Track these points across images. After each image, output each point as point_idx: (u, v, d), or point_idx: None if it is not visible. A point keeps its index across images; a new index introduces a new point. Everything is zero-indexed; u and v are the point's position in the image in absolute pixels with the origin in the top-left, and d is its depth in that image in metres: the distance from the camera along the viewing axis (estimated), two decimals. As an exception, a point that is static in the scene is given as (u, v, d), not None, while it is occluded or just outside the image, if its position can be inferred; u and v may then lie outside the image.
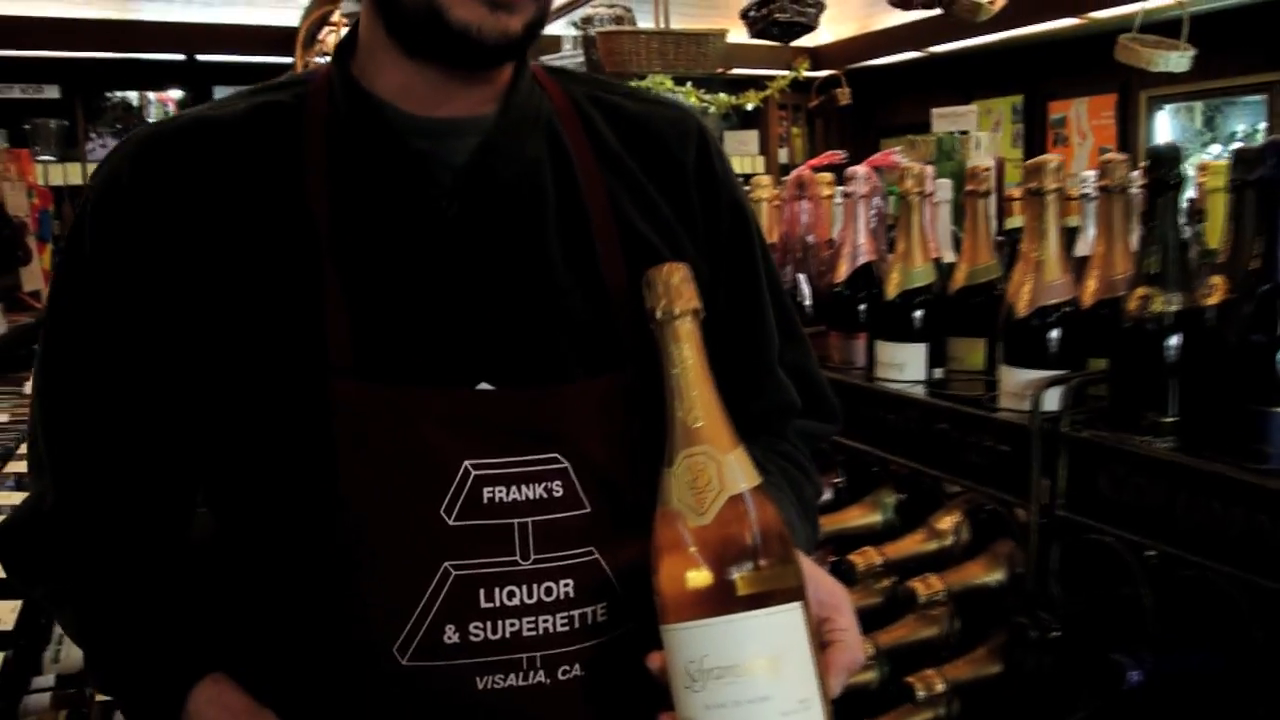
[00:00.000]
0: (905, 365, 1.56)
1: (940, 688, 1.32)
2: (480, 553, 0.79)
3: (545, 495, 0.80)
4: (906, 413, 1.51)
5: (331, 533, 0.77)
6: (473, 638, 0.79)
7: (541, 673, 0.81)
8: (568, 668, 0.82)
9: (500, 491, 0.79)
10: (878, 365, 1.60)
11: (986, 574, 1.33)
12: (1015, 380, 1.33)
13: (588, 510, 0.82)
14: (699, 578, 0.70)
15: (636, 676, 0.76)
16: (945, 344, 1.59)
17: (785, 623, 0.69)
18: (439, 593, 0.78)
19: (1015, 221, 2.00)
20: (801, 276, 1.88)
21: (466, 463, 0.78)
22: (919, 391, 1.53)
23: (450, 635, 0.79)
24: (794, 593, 0.70)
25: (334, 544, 0.77)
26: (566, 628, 0.81)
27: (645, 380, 0.81)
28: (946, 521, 1.46)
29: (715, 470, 0.71)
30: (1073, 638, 1.20)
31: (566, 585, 0.81)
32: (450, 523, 0.78)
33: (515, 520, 0.80)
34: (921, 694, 1.31)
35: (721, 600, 0.69)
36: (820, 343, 1.76)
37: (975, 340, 1.59)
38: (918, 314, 1.56)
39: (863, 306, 1.68)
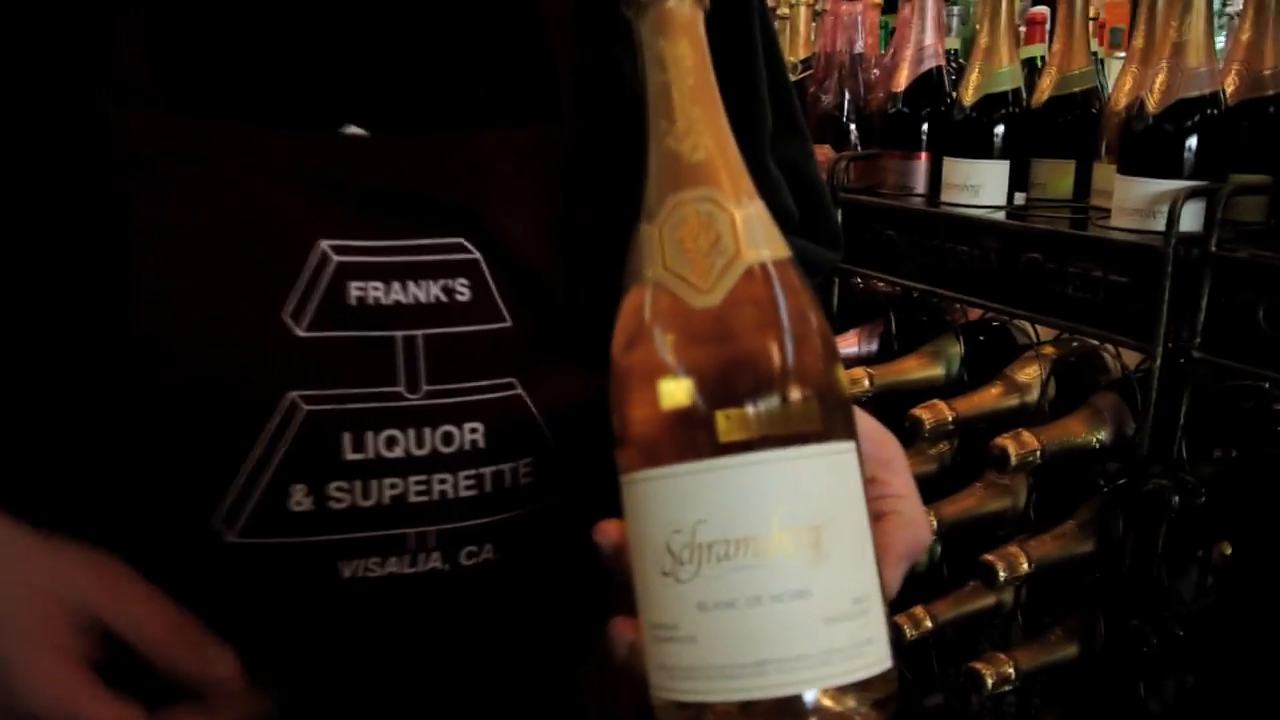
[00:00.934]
0: (982, 187, 1.28)
1: (1025, 568, 1.08)
2: (344, 379, 0.53)
3: (444, 299, 0.54)
4: (984, 241, 1.24)
5: (122, 351, 0.51)
6: (333, 504, 0.53)
7: (437, 556, 0.56)
8: (474, 549, 0.57)
9: (376, 290, 0.53)
10: (945, 189, 1.33)
11: (1089, 432, 1.09)
12: (1139, 193, 1.07)
13: (507, 324, 0.56)
14: (697, 392, 0.42)
15: (574, 563, 0.53)
16: (1028, 165, 1.32)
17: (833, 472, 0.42)
18: (281, 437, 0.52)
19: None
20: (846, 95, 1.60)
21: (324, 243, 0.52)
22: (999, 217, 1.26)
23: (299, 500, 0.53)
24: (844, 428, 0.43)
25: (126, 368, 0.51)
26: (474, 491, 0.56)
27: (593, 142, 0.56)
28: (1028, 373, 1.21)
29: (727, 225, 0.43)
30: (1214, 506, 0.95)
31: (474, 431, 0.55)
32: (299, 332, 0.52)
33: (398, 333, 0.53)
34: (1004, 575, 1.07)
35: (734, 429, 0.41)
36: (871, 169, 1.49)
37: (1064, 162, 1.32)
38: (1000, 127, 1.28)
39: (926, 121, 1.40)
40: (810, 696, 0.40)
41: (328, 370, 0.52)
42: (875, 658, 0.41)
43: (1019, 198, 1.31)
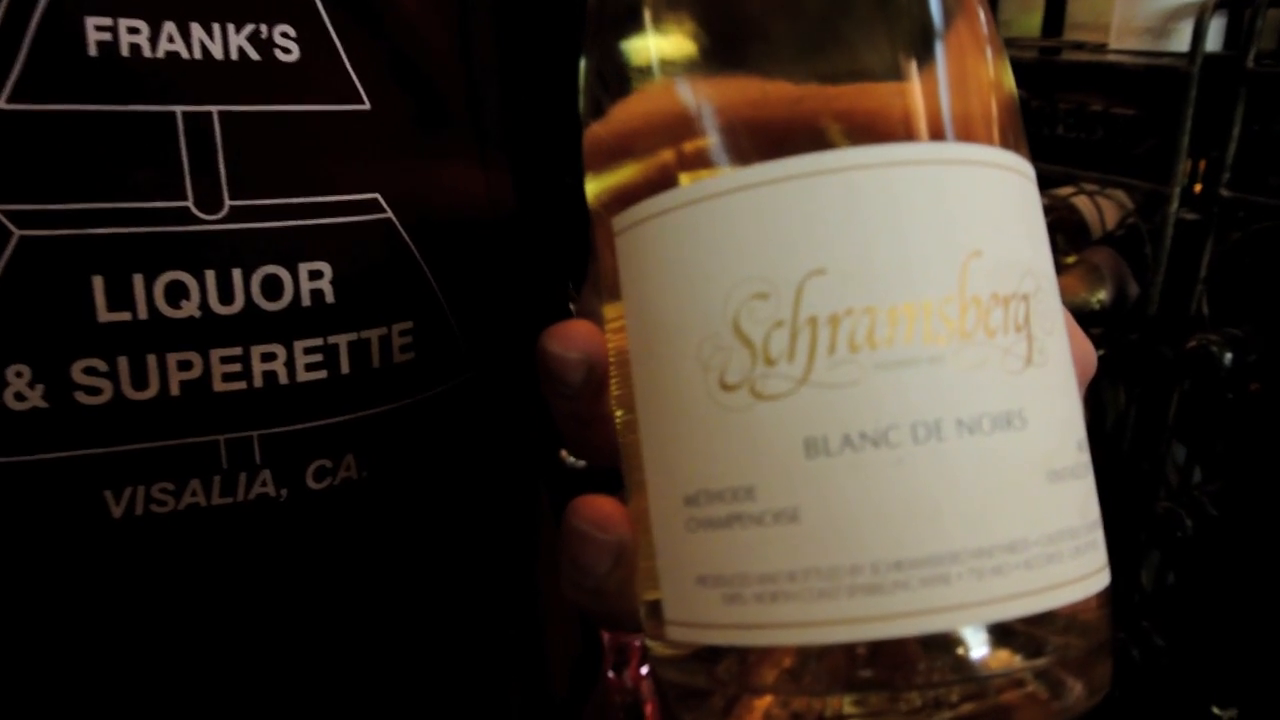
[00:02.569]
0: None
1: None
2: (88, 186, 0.32)
3: (256, 54, 0.33)
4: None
5: None
6: (83, 396, 0.32)
7: (268, 476, 0.35)
8: (327, 465, 0.36)
9: (135, 32, 0.32)
10: None
11: (1089, 291, 0.95)
12: (1149, 9, 0.92)
13: (363, 105, 0.35)
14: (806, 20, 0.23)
15: (480, 479, 0.40)
16: (995, 3, 1.17)
17: (1033, 207, 0.23)
18: None
19: None
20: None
21: None
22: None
23: (21, 392, 0.32)
24: (1025, 146, 0.24)
25: None
26: (320, 373, 0.35)
27: None
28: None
29: None
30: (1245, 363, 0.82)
31: (316, 276, 0.34)
32: (1, 104, 0.30)
33: (179, 108, 0.32)
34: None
35: (878, 93, 0.22)
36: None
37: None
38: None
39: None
40: (1007, 630, 0.20)
41: (57, 170, 0.32)
42: (1101, 561, 0.22)
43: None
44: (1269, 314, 0.85)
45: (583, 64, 0.27)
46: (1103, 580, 0.21)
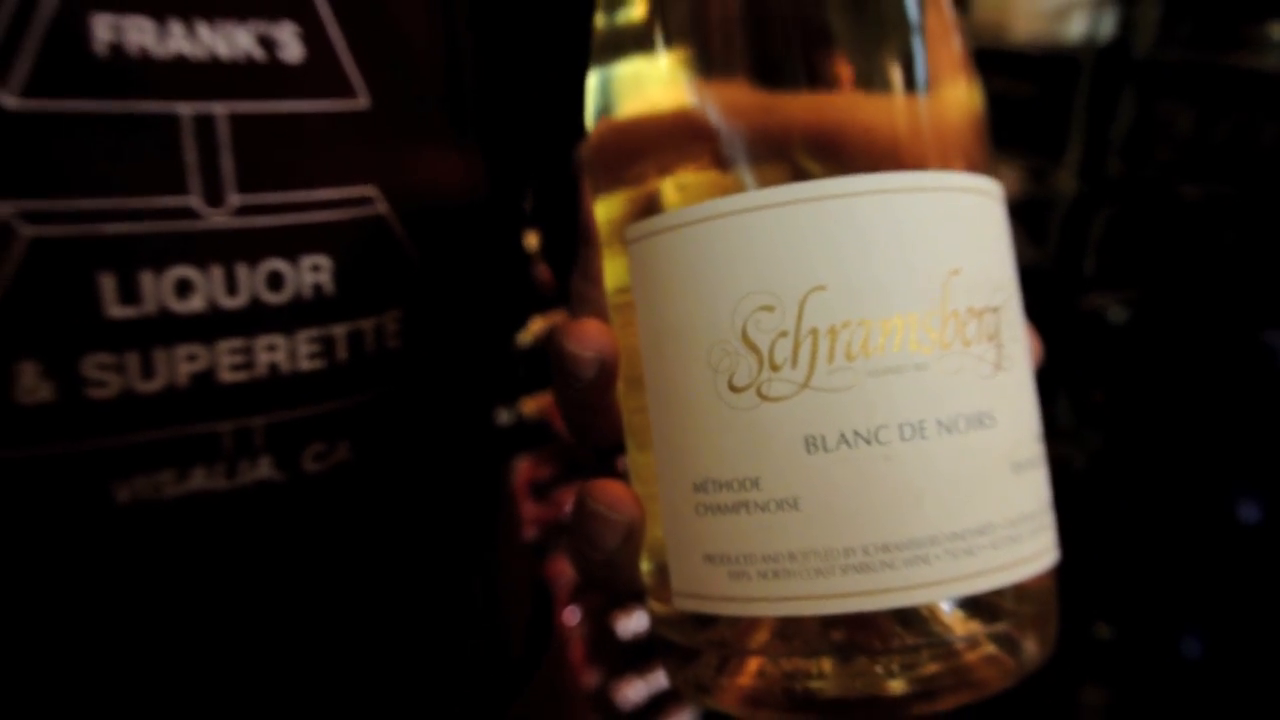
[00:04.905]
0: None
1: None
2: (96, 183, 0.34)
3: (260, 55, 0.36)
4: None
5: None
6: (92, 391, 0.35)
7: (267, 462, 0.38)
8: (323, 449, 0.39)
9: (141, 32, 0.34)
10: None
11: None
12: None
13: (360, 103, 0.37)
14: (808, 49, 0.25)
15: (469, 463, 0.42)
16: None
17: (1003, 226, 0.25)
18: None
19: None
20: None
21: None
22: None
23: (31, 386, 0.34)
24: (994, 169, 0.27)
25: None
26: (320, 362, 0.38)
27: None
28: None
29: None
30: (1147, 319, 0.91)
31: (316, 269, 0.38)
32: (8, 103, 0.32)
33: (185, 107, 0.35)
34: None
35: (878, 130, 0.26)
36: None
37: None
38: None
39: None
40: (972, 604, 0.24)
41: (66, 168, 0.34)
42: (1052, 539, 0.25)
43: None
44: (1150, 278, 0.94)
45: (591, 78, 0.29)
46: (1054, 556, 0.25)
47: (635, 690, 1.55)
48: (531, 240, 0.50)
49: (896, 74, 0.25)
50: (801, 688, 0.24)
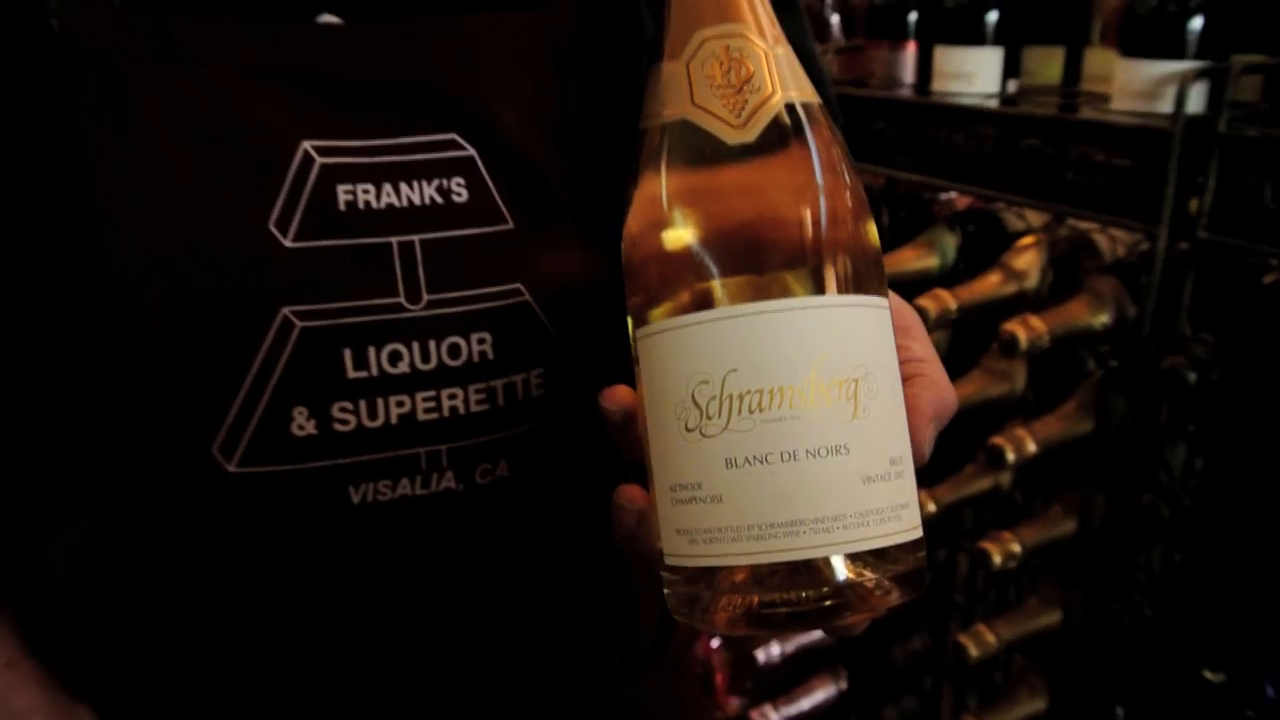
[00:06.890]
0: (975, 74, 1.28)
1: (1031, 449, 1.11)
2: (340, 291, 0.49)
3: (440, 200, 0.51)
4: (979, 128, 1.24)
5: (92, 283, 0.46)
6: (338, 426, 0.50)
7: (450, 476, 0.53)
8: (489, 467, 0.54)
9: (366, 193, 0.50)
10: (936, 77, 1.32)
11: (1091, 315, 1.11)
12: (1143, 76, 1.07)
13: (509, 225, 0.52)
14: (731, 231, 0.40)
15: (591, 477, 0.53)
16: (1019, 53, 1.32)
17: (871, 325, 0.40)
18: (277, 357, 0.48)
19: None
20: (825, -16, 1.57)
21: (306, 145, 0.48)
22: (993, 105, 1.26)
23: (301, 424, 0.50)
24: (879, 284, 0.42)
25: (99, 302, 0.46)
26: (485, 406, 0.53)
27: (586, 27, 0.53)
28: (1024, 260, 1.23)
29: (761, 61, 0.40)
30: (1228, 387, 0.98)
31: (482, 342, 0.52)
32: (286, 243, 0.48)
33: (394, 239, 0.50)
34: (1011, 456, 1.10)
35: (770, 275, 0.40)
36: (855, 62, 1.48)
37: (1053, 49, 1.32)
38: (992, 13, 1.27)
39: (913, 9, 1.39)
40: (839, 561, 0.38)
41: (321, 282, 0.48)
42: (910, 524, 0.40)
43: (1011, 85, 1.32)
44: (1237, 334, 1.00)
45: (632, 193, 0.44)
46: (907, 536, 0.39)
47: (773, 717, 1.65)
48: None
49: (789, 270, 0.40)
50: (757, 612, 0.39)
